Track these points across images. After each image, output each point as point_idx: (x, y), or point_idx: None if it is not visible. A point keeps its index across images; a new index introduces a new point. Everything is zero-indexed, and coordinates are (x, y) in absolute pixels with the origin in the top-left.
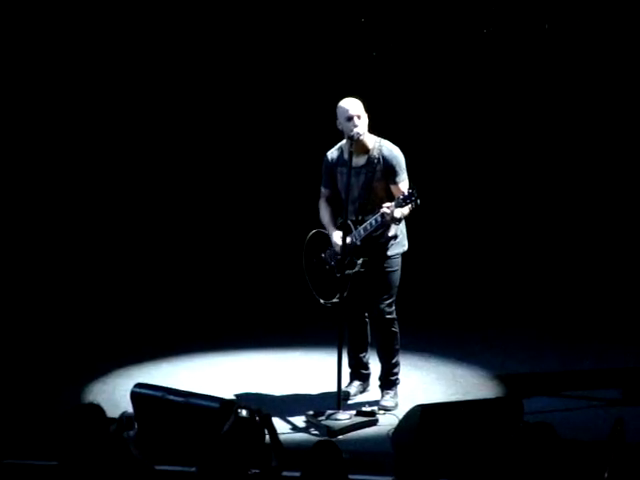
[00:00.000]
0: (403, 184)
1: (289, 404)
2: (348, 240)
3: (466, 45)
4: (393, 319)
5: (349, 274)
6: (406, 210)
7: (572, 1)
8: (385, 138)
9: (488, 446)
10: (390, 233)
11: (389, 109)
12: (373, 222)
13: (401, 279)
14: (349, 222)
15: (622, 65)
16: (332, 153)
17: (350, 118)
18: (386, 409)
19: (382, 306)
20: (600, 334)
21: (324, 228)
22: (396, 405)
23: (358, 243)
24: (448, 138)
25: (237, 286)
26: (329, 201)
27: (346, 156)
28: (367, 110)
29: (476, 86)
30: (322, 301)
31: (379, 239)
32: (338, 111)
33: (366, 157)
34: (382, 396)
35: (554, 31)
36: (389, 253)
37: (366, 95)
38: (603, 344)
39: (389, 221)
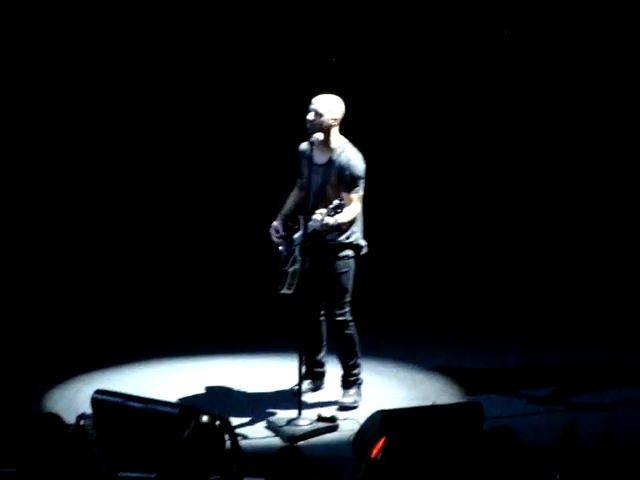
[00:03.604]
0: (354, 195)
1: (249, 409)
2: (295, 236)
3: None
4: (346, 321)
5: (294, 270)
6: (342, 219)
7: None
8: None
9: (449, 451)
10: (339, 237)
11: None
12: (310, 226)
13: (357, 282)
14: (300, 217)
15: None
16: (303, 145)
17: (308, 111)
18: (344, 407)
19: (334, 309)
20: (558, 332)
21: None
22: (354, 402)
23: (302, 239)
24: (420, 135)
25: (194, 293)
26: (300, 190)
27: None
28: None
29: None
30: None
31: (327, 241)
32: None
33: (328, 157)
34: (342, 395)
35: (514, 37)
36: (339, 254)
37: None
38: (561, 342)
39: (321, 228)
